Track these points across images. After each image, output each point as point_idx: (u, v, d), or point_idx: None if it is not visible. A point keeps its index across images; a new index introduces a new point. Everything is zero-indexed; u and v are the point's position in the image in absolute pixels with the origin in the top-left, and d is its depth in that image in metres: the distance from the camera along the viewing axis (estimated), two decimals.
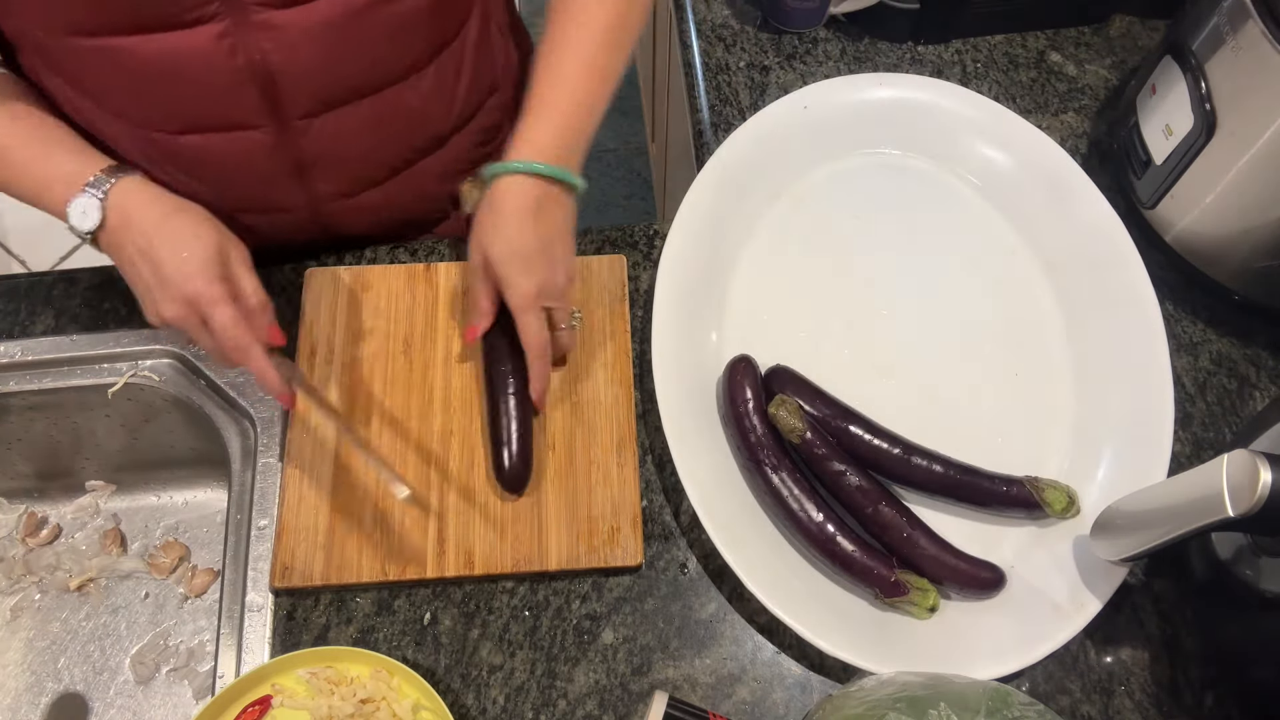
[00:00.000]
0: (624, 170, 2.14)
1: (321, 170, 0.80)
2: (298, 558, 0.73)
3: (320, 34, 0.69)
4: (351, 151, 0.81)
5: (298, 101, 0.73)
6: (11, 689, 0.88)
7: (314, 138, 0.77)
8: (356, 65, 0.74)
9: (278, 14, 0.67)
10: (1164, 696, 0.72)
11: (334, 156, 0.80)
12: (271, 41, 0.68)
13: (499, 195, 0.71)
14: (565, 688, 0.72)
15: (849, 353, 0.83)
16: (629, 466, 0.77)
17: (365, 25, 0.71)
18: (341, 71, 0.73)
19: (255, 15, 0.66)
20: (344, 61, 0.73)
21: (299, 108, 0.74)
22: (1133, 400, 0.79)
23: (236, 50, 0.68)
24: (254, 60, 0.69)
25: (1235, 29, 0.72)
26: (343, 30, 0.70)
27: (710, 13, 1.03)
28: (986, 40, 1.02)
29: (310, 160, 0.79)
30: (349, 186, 0.84)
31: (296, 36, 0.68)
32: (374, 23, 0.71)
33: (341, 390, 0.80)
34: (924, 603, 0.71)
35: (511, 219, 0.70)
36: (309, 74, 0.72)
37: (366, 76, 0.75)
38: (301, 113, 0.74)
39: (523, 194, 0.70)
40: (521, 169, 0.70)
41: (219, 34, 0.67)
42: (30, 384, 0.83)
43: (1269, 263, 0.80)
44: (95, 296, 0.86)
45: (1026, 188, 0.87)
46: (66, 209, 0.67)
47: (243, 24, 0.67)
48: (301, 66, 0.71)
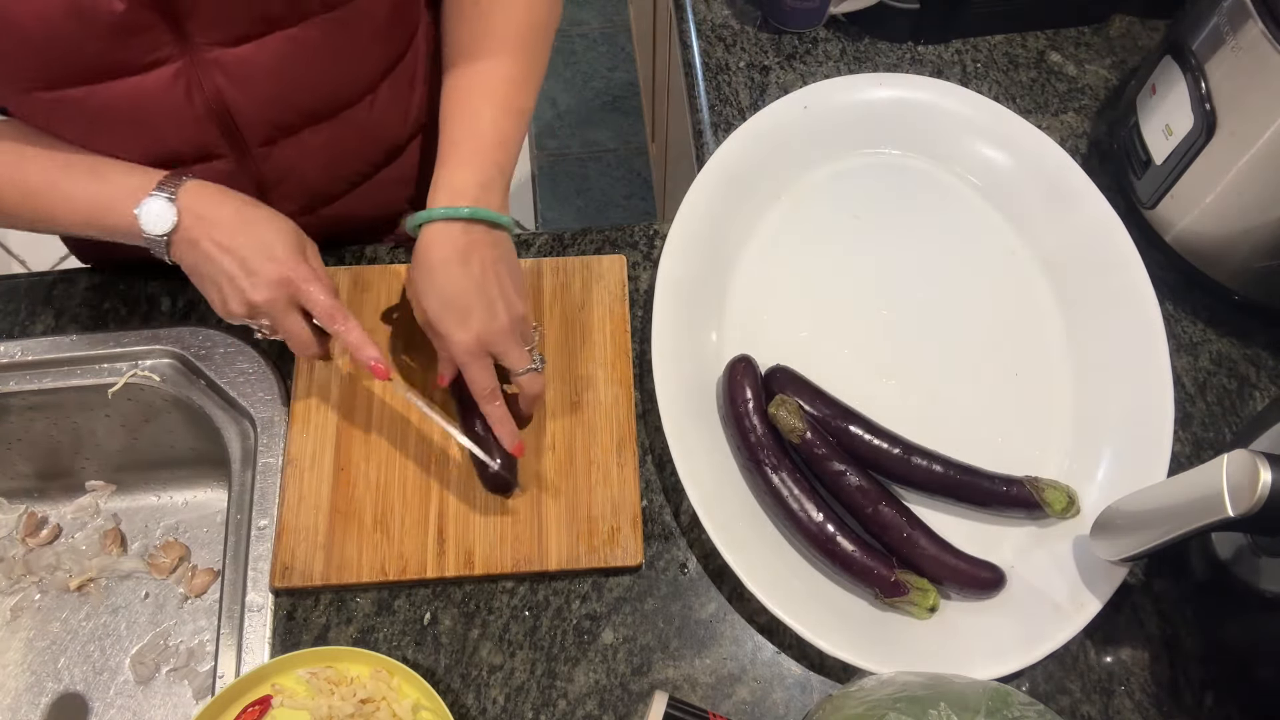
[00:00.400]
0: (624, 170, 2.15)
1: (282, 191, 0.82)
2: (298, 558, 0.73)
3: (273, 67, 0.70)
4: (311, 172, 0.82)
5: (256, 132, 0.74)
6: (11, 689, 0.88)
7: (274, 163, 0.78)
8: (311, 93, 0.75)
9: (229, 51, 0.68)
10: (1164, 696, 0.72)
11: (294, 178, 0.81)
12: (225, 77, 0.69)
13: (424, 247, 0.69)
14: (565, 688, 0.72)
15: (849, 353, 0.83)
16: (629, 466, 0.77)
17: (316, 55, 0.72)
18: (297, 100, 0.74)
19: (208, 53, 0.67)
20: (298, 91, 0.74)
21: (258, 137, 0.75)
22: (1133, 400, 0.79)
23: (193, 88, 0.69)
24: (210, 97, 0.70)
25: (1235, 29, 0.72)
26: (294, 62, 0.71)
27: (710, 13, 1.03)
28: (986, 40, 1.02)
29: (271, 183, 0.80)
30: (310, 203, 0.85)
31: (250, 71, 0.69)
32: (324, 52, 0.72)
33: (341, 389, 0.80)
34: (924, 603, 0.71)
35: (439, 269, 0.68)
36: (265, 105, 0.73)
37: (322, 102, 0.76)
38: (260, 141, 0.76)
39: (447, 241, 0.68)
40: (442, 215, 0.68)
41: (174, 74, 0.67)
42: (30, 384, 0.83)
43: (1269, 263, 0.80)
44: (95, 296, 0.86)
45: (1026, 188, 0.87)
46: (138, 216, 0.67)
47: (197, 63, 0.67)
48: (257, 99, 0.72)
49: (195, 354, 0.83)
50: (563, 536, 0.75)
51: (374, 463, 0.77)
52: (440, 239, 0.69)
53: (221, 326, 0.84)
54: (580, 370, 0.81)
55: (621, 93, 2.24)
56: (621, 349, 0.82)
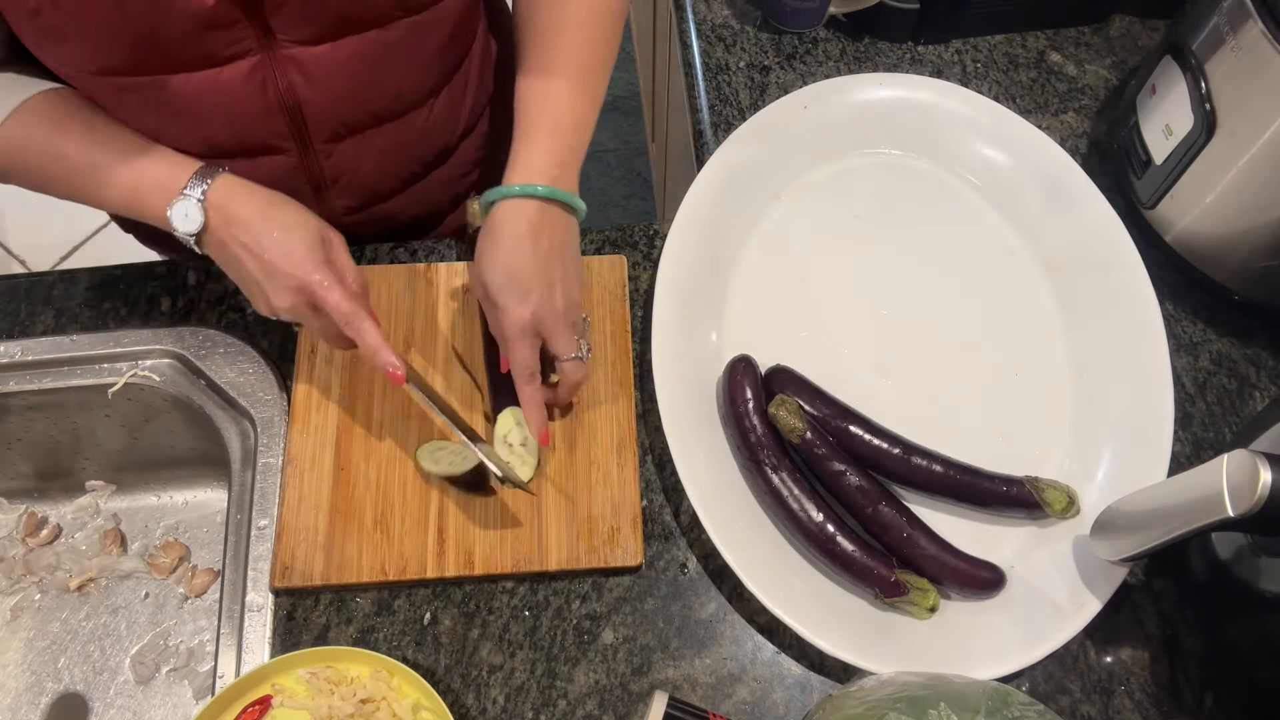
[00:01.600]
0: (624, 170, 2.14)
1: (339, 189, 0.83)
2: (298, 558, 0.73)
3: (347, 67, 0.72)
4: (368, 171, 0.83)
5: (322, 129, 0.76)
6: (11, 689, 0.88)
7: (335, 160, 0.80)
8: (380, 94, 0.76)
9: (307, 49, 0.69)
10: (1164, 696, 0.72)
11: (351, 176, 0.83)
12: (300, 74, 0.71)
13: (497, 221, 0.70)
14: (565, 688, 0.72)
15: (850, 353, 0.83)
16: (629, 467, 0.77)
17: (390, 58, 0.73)
18: (366, 100, 0.76)
19: (286, 50, 0.69)
20: (368, 91, 0.75)
21: (323, 134, 0.77)
22: (1133, 400, 0.79)
23: (267, 83, 0.70)
24: (283, 92, 0.71)
25: (1235, 29, 0.72)
26: (368, 63, 0.72)
27: (710, 13, 1.03)
28: (986, 40, 1.02)
29: (329, 180, 0.82)
30: (362, 201, 0.87)
31: (325, 70, 0.71)
32: (398, 55, 0.74)
33: (341, 389, 0.80)
34: (924, 602, 0.71)
35: (508, 243, 0.69)
36: (335, 104, 0.74)
37: (388, 104, 0.78)
38: (325, 138, 0.77)
39: (520, 217, 0.69)
40: (519, 192, 0.70)
41: (251, 69, 0.69)
42: (30, 384, 0.83)
43: (1269, 263, 0.80)
44: (95, 296, 0.86)
45: (1026, 188, 0.87)
46: (168, 214, 0.68)
47: (274, 59, 0.69)
48: (328, 97, 0.73)
49: (195, 354, 0.83)
50: (563, 537, 0.75)
51: (374, 462, 0.77)
52: (515, 214, 0.69)
53: (221, 326, 0.84)
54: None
55: (621, 93, 2.24)
56: (622, 349, 0.82)
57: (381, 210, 0.89)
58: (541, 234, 0.70)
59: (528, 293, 0.69)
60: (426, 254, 0.88)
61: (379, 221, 0.90)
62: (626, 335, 0.83)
